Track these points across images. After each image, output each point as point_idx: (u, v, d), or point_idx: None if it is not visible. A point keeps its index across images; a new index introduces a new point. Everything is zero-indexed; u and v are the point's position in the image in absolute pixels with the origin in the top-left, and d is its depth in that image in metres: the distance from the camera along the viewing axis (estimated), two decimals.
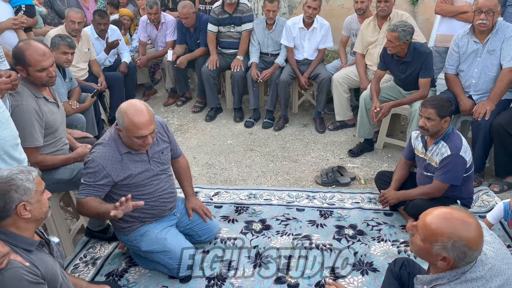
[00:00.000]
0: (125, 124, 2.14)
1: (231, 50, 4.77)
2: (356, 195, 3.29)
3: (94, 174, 2.22)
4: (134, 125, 2.13)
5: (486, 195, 3.18)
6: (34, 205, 1.62)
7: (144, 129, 2.14)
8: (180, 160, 2.71)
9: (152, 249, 2.43)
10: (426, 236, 1.42)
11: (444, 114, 2.57)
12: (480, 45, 3.30)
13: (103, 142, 2.28)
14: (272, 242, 2.78)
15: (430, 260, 1.45)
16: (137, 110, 2.15)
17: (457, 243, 1.36)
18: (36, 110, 2.41)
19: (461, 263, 1.39)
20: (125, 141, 2.25)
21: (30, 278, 1.52)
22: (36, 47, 2.41)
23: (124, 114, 2.15)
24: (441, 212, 1.43)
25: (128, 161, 2.28)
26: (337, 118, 4.39)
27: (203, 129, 4.59)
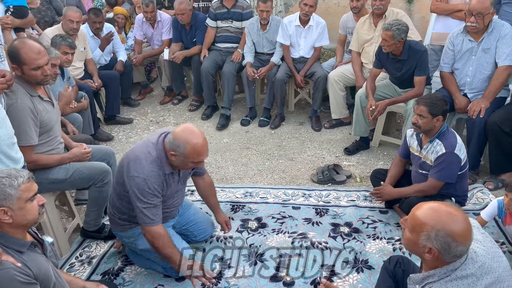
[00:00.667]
0: (187, 152, 2.16)
1: (227, 44, 4.76)
2: (351, 193, 3.30)
3: (154, 194, 2.23)
4: (197, 153, 2.18)
5: (480, 193, 3.20)
6: (16, 211, 1.57)
7: (204, 155, 2.24)
8: (205, 177, 2.72)
9: (149, 247, 2.41)
10: (414, 227, 1.46)
11: (436, 113, 2.59)
12: (475, 43, 3.31)
13: (149, 158, 2.22)
14: (268, 240, 2.79)
15: (419, 253, 1.48)
16: (197, 137, 2.19)
17: (440, 232, 1.39)
18: (31, 108, 2.40)
19: (447, 256, 1.40)
20: (176, 164, 2.25)
21: (22, 278, 1.52)
22: (31, 45, 2.40)
23: (185, 143, 2.16)
24: (430, 205, 1.47)
25: (168, 181, 2.33)
26: (333, 116, 4.39)
27: (200, 128, 4.56)
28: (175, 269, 2.36)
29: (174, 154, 2.19)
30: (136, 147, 2.30)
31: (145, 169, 2.20)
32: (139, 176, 2.19)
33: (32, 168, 2.50)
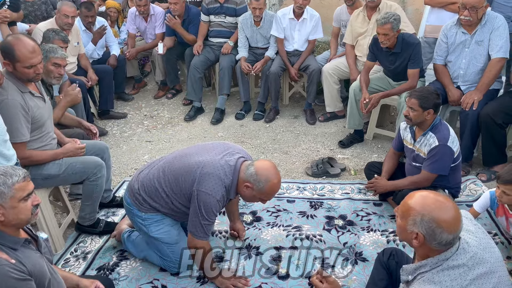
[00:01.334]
0: (265, 190, 2.18)
1: (220, 39, 4.73)
2: (346, 186, 3.31)
3: (216, 214, 2.25)
4: (272, 193, 2.24)
5: (473, 184, 3.22)
6: (8, 210, 1.56)
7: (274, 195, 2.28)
8: None
9: (160, 237, 2.40)
10: (403, 213, 1.50)
11: (427, 106, 2.60)
12: (468, 36, 3.32)
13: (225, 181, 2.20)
14: (263, 233, 2.80)
15: (408, 240, 1.51)
16: (278, 179, 2.21)
17: (425, 217, 1.42)
18: (22, 104, 2.38)
19: (433, 242, 1.42)
20: (245, 194, 2.25)
21: (16, 275, 1.51)
22: (26, 43, 2.36)
23: (267, 181, 2.15)
24: (420, 193, 1.51)
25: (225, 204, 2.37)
26: (328, 110, 4.40)
27: (194, 122, 4.58)
28: (209, 276, 2.38)
29: (249, 187, 2.18)
30: (213, 161, 2.22)
31: (219, 191, 2.18)
32: (211, 195, 2.16)
33: (26, 164, 2.48)
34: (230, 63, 4.59)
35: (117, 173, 3.64)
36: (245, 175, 2.18)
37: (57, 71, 2.95)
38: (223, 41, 4.71)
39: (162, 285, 2.42)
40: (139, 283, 2.43)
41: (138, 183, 2.40)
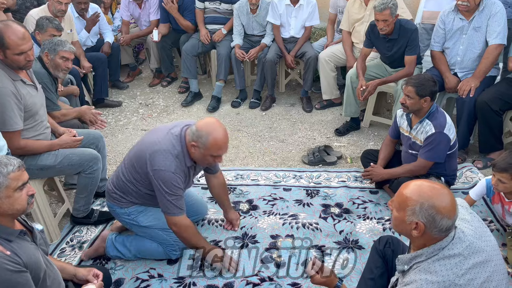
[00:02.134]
0: (208, 143, 2.16)
1: (215, 26, 4.67)
2: (342, 174, 3.31)
3: (179, 187, 2.24)
4: (218, 146, 2.18)
5: (469, 172, 3.23)
6: (3, 199, 1.55)
7: (225, 150, 2.24)
8: (218, 176, 2.69)
9: (151, 224, 2.41)
10: (400, 204, 1.48)
11: (423, 94, 2.58)
12: (466, 22, 3.29)
13: (173, 152, 2.21)
14: (259, 222, 2.80)
15: (407, 231, 1.49)
16: (221, 131, 2.19)
17: (424, 205, 1.41)
18: (14, 92, 2.34)
19: (434, 230, 1.41)
20: (196, 156, 2.24)
21: (11, 267, 1.50)
22: (16, 29, 2.31)
23: (208, 134, 2.16)
24: (414, 182, 1.50)
25: (189, 173, 2.35)
26: (324, 97, 4.37)
27: (189, 110, 4.55)
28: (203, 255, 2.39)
29: (195, 145, 2.19)
30: (158, 138, 2.25)
31: (172, 163, 2.20)
32: (166, 170, 2.18)
33: (20, 154, 2.46)
34: (228, 50, 4.54)
35: (113, 162, 3.62)
36: (189, 136, 2.21)
37: (65, 64, 2.92)
38: (218, 28, 4.65)
39: (159, 274, 2.42)
40: (136, 272, 2.44)
41: (111, 183, 2.45)
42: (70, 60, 2.95)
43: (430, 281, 1.40)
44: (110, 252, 2.51)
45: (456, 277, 1.39)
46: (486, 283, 1.41)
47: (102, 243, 2.54)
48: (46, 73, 2.89)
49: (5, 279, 1.48)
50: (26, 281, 1.54)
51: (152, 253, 2.48)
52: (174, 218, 2.27)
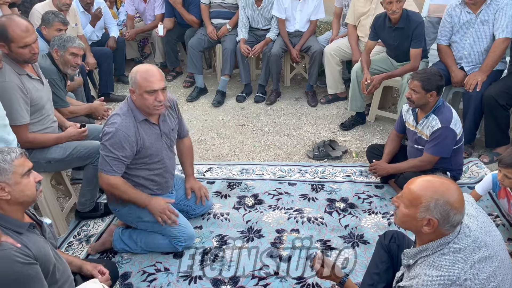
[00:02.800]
0: (137, 80, 2.22)
1: (220, 20, 4.66)
2: (347, 169, 3.31)
3: (122, 146, 2.25)
4: (145, 79, 2.21)
5: (475, 166, 3.21)
6: (13, 186, 1.57)
7: (155, 83, 2.22)
8: (185, 140, 2.74)
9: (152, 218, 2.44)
10: (411, 201, 1.46)
11: (430, 88, 2.57)
12: (473, 15, 3.26)
13: (120, 112, 2.30)
14: (265, 216, 2.81)
15: (416, 227, 1.48)
16: (148, 68, 2.27)
17: (439, 201, 1.40)
18: (20, 87, 2.36)
19: (446, 225, 1.41)
20: (138, 104, 2.28)
21: (22, 259, 1.52)
22: (19, 22, 2.33)
23: (135, 72, 2.24)
24: (423, 178, 1.49)
25: (143, 131, 2.34)
26: (329, 91, 4.36)
27: (195, 104, 4.55)
28: (143, 207, 2.38)
29: (132, 90, 2.27)
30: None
31: (118, 121, 2.27)
32: (110, 128, 2.26)
33: (28, 147, 2.48)
34: (233, 44, 4.53)
35: None
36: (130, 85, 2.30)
37: (74, 60, 2.93)
38: (223, 22, 4.64)
39: (165, 267, 2.44)
40: (142, 266, 2.46)
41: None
42: (79, 56, 2.97)
43: (435, 275, 1.41)
44: (117, 245, 2.54)
45: (461, 271, 1.40)
46: (491, 277, 1.42)
47: (109, 236, 2.57)
48: (56, 69, 2.90)
49: (16, 271, 1.50)
50: (36, 273, 1.56)
51: (158, 246, 2.50)
52: (103, 175, 2.29)
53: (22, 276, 1.51)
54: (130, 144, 2.27)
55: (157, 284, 2.33)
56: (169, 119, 2.48)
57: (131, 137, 2.26)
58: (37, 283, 1.56)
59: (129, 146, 2.27)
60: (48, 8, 3.75)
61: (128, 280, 2.38)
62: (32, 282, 1.54)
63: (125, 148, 2.26)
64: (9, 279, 1.49)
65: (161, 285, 2.33)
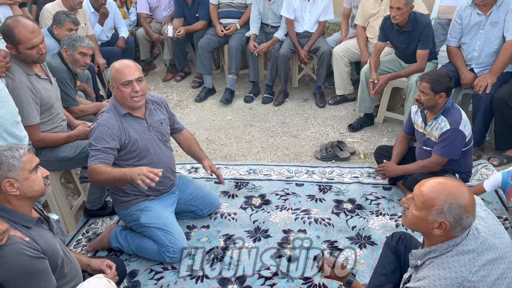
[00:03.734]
0: (113, 74, 2.28)
1: (229, 20, 4.67)
2: (355, 170, 3.30)
3: (102, 138, 2.28)
4: (119, 71, 2.27)
5: (485, 169, 3.19)
6: (22, 182, 1.60)
7: (129, 74, 2.27)
8: (184, 132, 2.79)
9: (151, 223, 2.45)
10: (423, 204, 1.44)
11: (439, 90, 2.55)
12: (483, 17, 3.23)
13: (105, 109, 2.38)
14: (272, 217, 2.81)
15: (426, 230, 1.47)
16: (123, 61, 2.33)
17: (453, 205, 1.39)
18: (29, 87, 2.39)
19: (457, 228, 1.40)
20: (118, 98, 2.34)
21: (31, 253, 1.54)
22: (25, 24, 2.35)
23: (111, 67, 2.31)
24: (435, 180, 1.47)
25: (128, 125, 2.37)
26: (338, 92, 4.35)
27: (203, 105, 4.57)
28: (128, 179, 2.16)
29: (111, 86, 2.33)
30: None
31: (100, 117, 2.34)
32: (93, 124, 2.33)
33: (40, 146, 2.52)
34: (239, 43, 4.55)
35: None
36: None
37: (83, 60, 2.96)
38: (232, 22, 4.65)
39: (172, 266, 2.45)
40: (150, 264, 2.47)
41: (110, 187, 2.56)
42: (89, 56, 2.99)
43: (443, 277, 1.40)
44: (112, 243, 2.57)
45: (470, 273, 1.39)
46: (500, 280, 1.41)
47: (108, 234, 2.60)
48: (66, 68, 2.94)
49: (24, 264, 1.52)
50: (44, 267, 1.58)
51: (147, 252, 2.48)
52: (89, 168, 2.29)
53: (30, 269, 1.53)
54: (111, 136, 2.29)
55: (164, 283, 2.35)
56: (155, 112, 2.52)
57: (112, 130, 2.30)
58: (45, 276, 1.58)
59: (110, 138, 2.29)
60: (58, 8, 3.79)
61: (136, 278, 2.39)
62: (40, 275, 1.56)
63: (106, 140, 2.28)
64: (18, 272, 1.51)
65: (168, 283, 2.34)
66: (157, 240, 2.43)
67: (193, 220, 2.81)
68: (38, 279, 1.56)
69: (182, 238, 2.48)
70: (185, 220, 2.80)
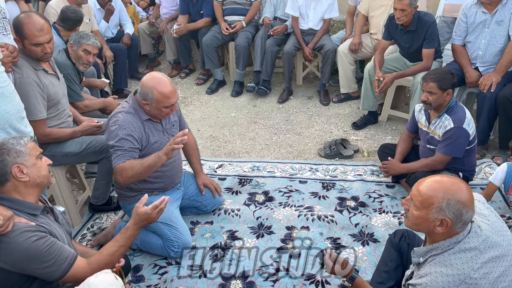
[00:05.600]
0: (156, 97, 2.26)
1: (235, 17, 4.68)
2: (358, 168, 3.31)
3: (126, 139, 2.29)
4: (165, 96, 2.26)
5: (488, 168, 3.19)
6: (30, 168, 1.64)
7: (173, 97, 2.30)
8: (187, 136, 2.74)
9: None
10: (422, 203, 1.45)
11: (446, 87, 2.56)
12: (488, 15, 3.23)
13: (123, 110, 2.35)
14: (275, 213, 2.83)
15: (428, 229, 1.48)
16: (163, 82, 2.28)
17: (451, 201, 1.40)
18: (37, 82, 2.41)
19: (459, 224, 1.42)
20: (151, 113, 2.34)
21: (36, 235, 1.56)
22: (36, 21, 2.37)
23: (152, 88, 2.25)
24: (432, 179, 1.48)
25: (148, 128, 2.39)
26: (342, 91, 4.35)
27: (207, 102, 4.58)
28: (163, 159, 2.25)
29: (146, 103, 2.30)
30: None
31: (120, 118, 2.32)
32: (113, 126, 2.31)
33: (45, 141, 2.54)
34: (246, 41, 4.56)
35: None
36: (139, 97, 2.32)
37: (86, 58, 2.97)
38: (237, 19, 4.66)
39: (176, 261, 2.47)
40: (154, 259, 2.50)
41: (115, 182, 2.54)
42: (93, 55, 3.00)
43: (445, 273, 1.41)
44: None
45: (472, 270, 1.40)
46: (502, 277, 1.42)
47: (113, 229, 2.62)
48: (71, 64, 2.96)
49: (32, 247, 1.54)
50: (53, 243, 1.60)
51: (152, 247, 2.50)
52: (114, 170, 2.30)
53: (39, 249, 1.56)
54: (133, 137, 2.31)
55: (168, 277, 2.37)
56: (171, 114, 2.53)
57: (135, 132, 2.31)
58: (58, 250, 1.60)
59: (134, 140, 2.31)
60: (63, 4, 3.80)
61: (140, 272, 2.42)
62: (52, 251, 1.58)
63: (130, 141, 2.30)
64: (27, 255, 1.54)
65: (172, 278, 2.36)
66: (162, 235, 2.45)
67: (197, 216, 2.83)
68: (50, 255, 1.58)
69: (186, 233, 2.51)
70: (189, 216, 2.82)
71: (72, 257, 1.65)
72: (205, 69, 4.94)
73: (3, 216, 1.52)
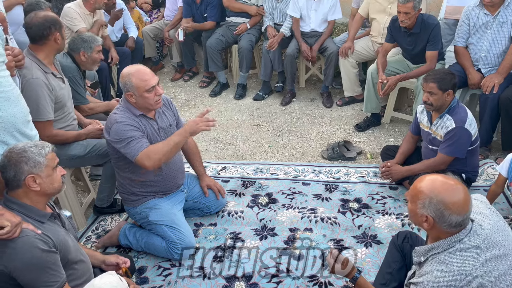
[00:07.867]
0: (134, 83, 2.29)
1: (240, 19, 4.70)
2: (361, 170, 3.31)
3: (132, 130, 2.32)
4: (142, 79, 2.29)
5: (491, 169, 3.19)
6: (44, 179, 1.67)
7: (151, 79, 2.31)
8: (188, 141, 2.75)
9: (159, 220, 2.49)
10: (412, 196, 1.52)
11: (446, 87, 2.56)
12: (490, 17, 3.24)
13: (117, 110, 2.39)
14: (278, 215, 2.84)
15: (419, 223, 1.54)
16: (138, 67, 2.34)
17: (433, 200, 1.44)
18: (46, 84, 2.46)
19: (443, 224, 1.45)
20: (139, 105, 2.36)
21: (42, 246, 1.58)
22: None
23: (128, 76, 2.30)
24: (430, 176, 1.53)
25: (143, 125, 2.41)
26: (346, 94, 4.34)
27: (210, 104, 4.61)
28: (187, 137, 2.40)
29: (130, 94, 2.32)
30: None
31: (118, 116, 2.35)
32: (112, 124, 2.33)
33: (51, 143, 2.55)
34: (250, 43, 4.58)
35: None
36: (123, 91, 2.36)
37: (99, 56, 3.04)
38: (243, 21, 4.68)
39: (180, 263, 2.49)
40: (158, 261, 2.51)
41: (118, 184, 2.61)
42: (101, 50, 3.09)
43: (446, 272, 1.42)
44: (121, 240, 2.60)
45: (473, 268, 1.41)
46: (503, 276, 1.42)
47: (117, 231, 2.64)
48: (76, 67, 2.99)
49: (35, 256, 1.57)
50: (55, 261, 1.62)
51: (156, 249, 2.52)
52: (136, 160, 2.30)
53: (41, 262, 1.57)
54: (136, 128, 2.34)
55: (172, 279, 2.39)
56: (164, 115, 2.55)
57: (134, 125, 2.34)
58: (55, 270, 1.62)
59: (136, 129, 2.34)
60: (79, 8, 3.86)
61: (144, 274, 2.44)
62: (50, 269, 1.60)
63: (135, 130, 2.33)
64: (29, 264, 1.56)
65: (176, 279, 2.38)
66: (166, 237, 2.47)
67: (201, 218, 2.85)
68: (47, 273, 1.60)
69: (190, 235, 2.52)
70: (192, 217, 2.84)
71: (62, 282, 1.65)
72: (208, 72, 4.96)
73: (11, 222, 1.54)
